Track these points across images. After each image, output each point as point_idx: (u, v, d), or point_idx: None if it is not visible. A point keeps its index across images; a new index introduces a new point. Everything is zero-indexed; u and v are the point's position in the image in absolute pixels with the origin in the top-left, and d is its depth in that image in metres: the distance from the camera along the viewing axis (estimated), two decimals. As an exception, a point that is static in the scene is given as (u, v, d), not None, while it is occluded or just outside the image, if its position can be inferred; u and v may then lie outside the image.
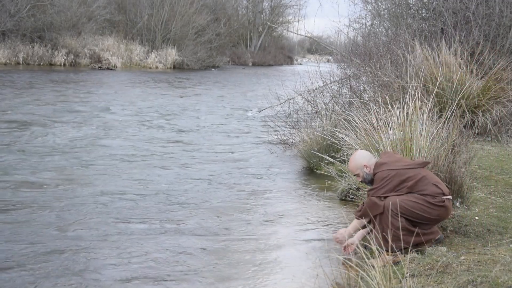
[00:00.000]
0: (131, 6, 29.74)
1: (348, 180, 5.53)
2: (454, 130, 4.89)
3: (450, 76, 7.46)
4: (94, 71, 23.13)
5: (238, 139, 9.29)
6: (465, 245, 3.81)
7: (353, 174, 4.14)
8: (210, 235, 4.53)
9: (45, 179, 6.00)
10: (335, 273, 3.52)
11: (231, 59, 35.63)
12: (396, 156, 3.98)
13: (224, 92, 17.63)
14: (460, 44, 8.27)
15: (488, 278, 2.89)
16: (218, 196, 5.75)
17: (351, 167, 4.05)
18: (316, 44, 19.00)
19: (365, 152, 4.12)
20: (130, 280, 3.63)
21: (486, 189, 5.19)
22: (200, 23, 30.34)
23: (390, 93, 6.47)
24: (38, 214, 4.85)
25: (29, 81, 16.62)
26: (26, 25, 23.35)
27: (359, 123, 5.30)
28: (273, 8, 44.04)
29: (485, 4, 10.24)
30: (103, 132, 9.11)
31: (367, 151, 4.20)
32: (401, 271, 3.06)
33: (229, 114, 12.54)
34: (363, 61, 9.07)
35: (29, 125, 9.28)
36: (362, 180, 4.01)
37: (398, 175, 3.72)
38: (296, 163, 7.46)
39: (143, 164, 7.01)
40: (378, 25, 13.02)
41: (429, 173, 3.85)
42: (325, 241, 4.43)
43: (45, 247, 4.10)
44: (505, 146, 7.33)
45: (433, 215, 3.68)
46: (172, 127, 10.18)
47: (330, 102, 8.99)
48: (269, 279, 3.72)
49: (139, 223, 4.75)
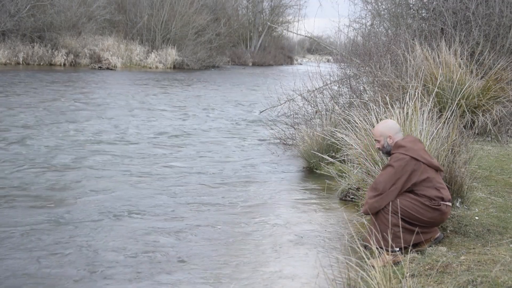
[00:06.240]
0: (131, 6, 29.74)
1: (348, 180, 5.52)
2: (454, 130, 4.89)
3: (450, 76, 7.46)
4: (94, 71, 23.12)
5: (238, 139, 9.29)
6: (465, 245, 3.81)
7: (374, 139, 4.09)
8: (209, 235, 4.53)
9: (43, 179, 6.01)
10: (335, 273, 3.52)
11: (231, 59, 35.60)
12: (418, 145, 3.87)
13: (224, 93, 17.62)
14: (460, 44, 8.27)
15: (488, 278, 2.89)
16: (217, 196, 5.75)
17: (376, 131, 3.98)
18: (316, 44, 19.01)
19: (395, 124, 4.02)
20: (130, 280, 3.63)
21: (486, 189, 5.19)
22: (200, 23, 30.32)
23: (390, 93, 6.46)
24: (35, 211, 4.86)
25: (29, 81, 16.61)
26: (26, 25, 23.34)
27: (359, 123, 5.30)
28: (273, 8, 44.01)
29: (485, 4, 10.24)
30: (102, 132, 9.11)
31: (397, 124, 4.09)
32: (401, 271, 3.06)
33: (229, 114, 12.53)
34: (363, 61, 9.06)
35: (28, 125, 9.28)
36: (381, 148, 3.96)
37: (410, 164, 3.67)
38: (296, 163, 7.46)
39: (142, 164, 7.00)
40: (378, 25, 13.02)
41: (437, 176, 3.80)
42: (325, 241, 4.43)
43: (47, 250, 4.11)
44: (505, 146, 7.33)
45: (426, 217, 3.66)
46: (171, 127, 10.17)
47: (330, 102, 8.99)
48: (269, 279, 3.72)
49: (139, 223, 4.75)
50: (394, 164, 3.70)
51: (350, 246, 3.82)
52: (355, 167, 5.33)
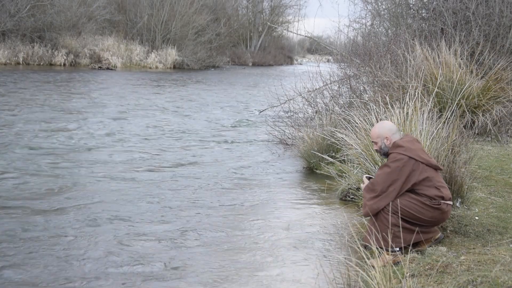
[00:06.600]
0: (131, 6, 29.74)
1: (348, 180, 5.52)
2: (454, 130, 4.89)
3: (450, 76, 7.46)
4: (94, 71, 23.13)
5: (238, 139, 9.29)
6: (465, 245, 3.81)
7: (372, 141, 4.09)
8: (209, 235, 4.53)
9: (42, 179, 6.00)
10: (335, 273, 3.52)
11: (231, 59, 35.61)
12: (416, 144, 3.87)
13: (224, 93, 17.63)
14: (460, 44, 8.27)
15: (488, 278, 2.89)
16: (217, 196, 5.75)
17: (373, 133, 4.00)
18: (316, 44, 19.00)
19: (392, 125, 4.02)
20: (130, 280, 3.63)
21: (486, 189, 5.18)
22: (200, 23, 30.34)
23: (390, 93, 6.46)
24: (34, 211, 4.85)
25: (29, 81, 16.60)
26: (26, 25, 23.35)
27: (359, 123, 5.30)
28: (273, 8, 44.01)
29: (485, 4, 10.24)
30: (102, 132, 9.11)
31: (394, 125, 4.09)
32: (401, 271, 3.06)
33: (229, 114, 12.53)
34: (363, 61, 9.07)
35: (27, 125, 9.28)
36: (378, 149, 3.97)
37: (408, 164, 3.67)
38: (296, 163, 7.46)
39: (141, 164, 7.00)
40: (378, 25, 13.02)
41: (437, 175, 3.80)
42: (325, 241, 4.43)
43: (49, 252, 4.10)
44: (505, 146, 7.33)
45: (426, 216, 3.66)
46: (171, 127, 10.17)
47: (330, 102, 8.99)
48: (269, 279, 3.72)
49: (138, 223, 4.75)
50: (390, 164, 3.70)
51: (350, 246, 3.83)
52: (355, 167, 5.33)
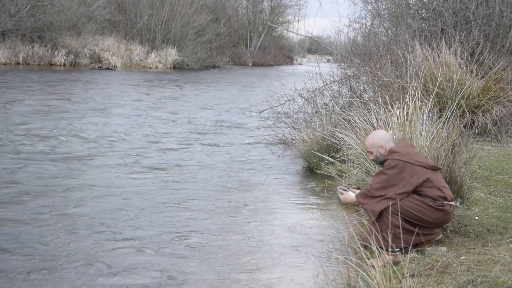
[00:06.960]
0: (131, 6, 29.73)
1: (348, 180, 5.52)
2: (454, 130, 4.89)
3: (450, 76, 7.46)
4: (94, 71, 23.12)
5: (238, 139, 9.29)
6: (465, 245, 3.81)
7: (367, 151, 4.10)
8: (209, 235, 4.53)
9: (41, 179, 6.01)
10: (335, 273, 3.52)
11: (231, 59, 35.59)
12: (412, 149, 3.90)
13: (224, 93, 17.63)
14: (460, 44, 8.27)
15: (488, 278, 2.89)
16: (217, 196, 5.75)
17: (367, 144, 4.01)
18: (316, 44, 19.00)
19: (385, 133, 4.04)
20: (129, 281, 3.63)
21: (486, 189, 5.19)
22: (200, 23, 30.32)
23: (390, 93, 6.46)
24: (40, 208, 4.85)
25: (29, 81, 16.61)
26: (26, 25, 23.34)
27: (359, 123, 5.30)
28: (273, 8, 43.99)
29: (485, 4, 10.24)
30: (102, 132, 9.11)
31: (387, 133, 4.10)
32: (401, 271, 3.06)
33: (229, 114, 12.53)
34: (363, 61, 9.06)
35: (26, 125, 9.28)
36: (374, 159, 3.98)
37: (405, 169, 3.68)
38: (296, 163, 7.46)
39: (141, 165, 7.00)
40: (378, 25, 13.02)
41: (437, 175, 3.80)
42: (325, 241, 4.43)
43: (50, 253, 4.10)
44: (505, 146, 7.33)
45: (430, 218, 3.65)
46: (170, 127, 10.17)
47: (330, 102, 8.99)
48: (269, 279, 3.72)
49: (138, 222, 4.75)
50: (387, 171, 3.71)
51: (350, 246, 3.83)
52: (355, 167, 5.33)
